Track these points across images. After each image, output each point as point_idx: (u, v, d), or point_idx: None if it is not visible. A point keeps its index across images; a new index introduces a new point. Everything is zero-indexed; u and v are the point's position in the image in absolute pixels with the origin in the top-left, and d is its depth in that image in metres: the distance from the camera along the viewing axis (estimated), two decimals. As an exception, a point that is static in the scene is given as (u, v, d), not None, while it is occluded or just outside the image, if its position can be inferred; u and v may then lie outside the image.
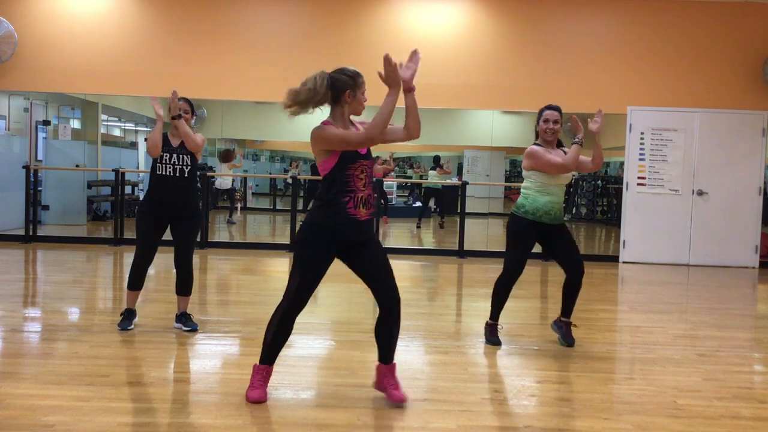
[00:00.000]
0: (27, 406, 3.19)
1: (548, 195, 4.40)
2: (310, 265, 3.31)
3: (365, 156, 3.36)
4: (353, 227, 3.31)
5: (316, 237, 3.32)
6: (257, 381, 3.37)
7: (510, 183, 16.52)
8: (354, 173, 3.30)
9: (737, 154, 8.93)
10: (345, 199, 3.28)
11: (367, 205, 3.34)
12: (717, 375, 4.09)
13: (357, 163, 3.31)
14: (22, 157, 9.94)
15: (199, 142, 4.56)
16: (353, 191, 3.29)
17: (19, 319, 5.06)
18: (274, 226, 13.57)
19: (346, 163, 3.28)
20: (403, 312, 3.48)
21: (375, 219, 3.43)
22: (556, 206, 4.42)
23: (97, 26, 9.02)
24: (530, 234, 4.45)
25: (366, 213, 3.33)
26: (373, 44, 8.93)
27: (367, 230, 3.37)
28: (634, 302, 6.73)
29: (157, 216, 4.57)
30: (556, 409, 3.43)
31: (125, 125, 14.44)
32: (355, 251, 3.38)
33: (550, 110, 4.44)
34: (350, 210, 3.28)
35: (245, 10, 9.08)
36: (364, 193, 3.32)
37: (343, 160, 3.28)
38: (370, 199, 3.36)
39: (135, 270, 4.61)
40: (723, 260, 8.93)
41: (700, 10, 8.95)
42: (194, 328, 4.65)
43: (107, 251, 8.53)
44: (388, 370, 3.44)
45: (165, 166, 4.49)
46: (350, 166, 3.29)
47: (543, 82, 8.99)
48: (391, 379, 3.43)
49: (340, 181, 3.28)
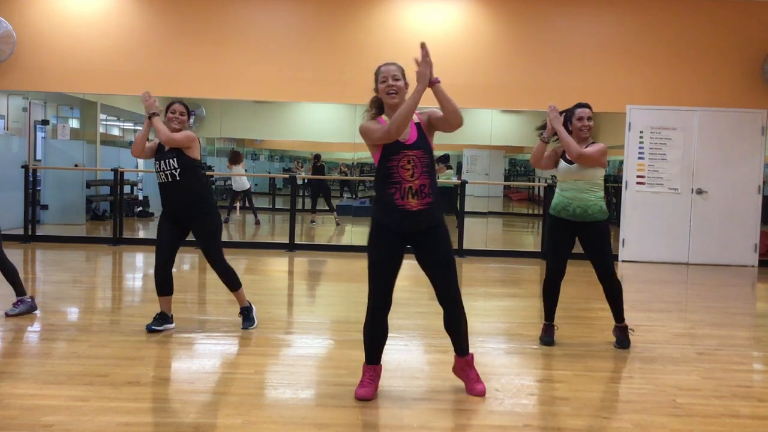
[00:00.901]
0: (26, 405, 3.19)
1: (562, 191, 4.49)
2: (376, 265, 3.39)
3: (411, 146, 3.32)
4: (404, 218, 3.31)
5: (374, 233, 3.40)
6: (365, 380, 3.49)
7: (509, 182, 16.53)
8: (398, 164, 3.30)
9: (736, 152, 8.93)
10: (391, 191, 3.31)
11: (420, 195, 3.30)
12: (716, 373, 4.09)
13: (401, 153, 3.31)
14: (20, 156, 9.94)
15: (177, 138, 4.49)
16: (399, 182, 3.30)
17: (18, 319, 5.05)
18: (274, 226, 13.56)
19: (389, 155, 3.32)
20: (403, 312, 3.50)
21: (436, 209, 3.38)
22: (574, 203, 4.43)
23: (95, 26, 9.02)
24: (557, 229, 4.52)
25: (417, 203, 3.30)
26: (373, 44, 8.94)
27: (424, 220, 3.34)
28: (634, 301, 6.72)
29: (168, 219, 4.61)
30: (555, 408, 3.43)
31: (124, 125, 14.43)
32: (416, 243, 3.39)
33: (582, 108, 4.50)
34: (398, 201, 3.30)
35: (245, 9, 9.08)
36: (413, 183, 3.29)
37: (386, 151, 3.33)
38: (423, 189, 3.31)
39: (155, 273, 4.62)
40: (722, 259, 8.93)
41: (700, 9, 8.95)
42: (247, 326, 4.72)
43: (106, 251, 8.53)
44: (465, 363, 3.57)
45: (158, 173, 4.54)
46: (393, 157, 3.31)
47: (542, 81, 9.00)
48: (470, 372, 3.56)
49: (386, 173, 3.33)
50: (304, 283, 7.57)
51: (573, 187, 4.45)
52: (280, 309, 5.83)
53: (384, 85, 3.35)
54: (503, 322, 5.39)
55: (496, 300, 6.35)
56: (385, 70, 3.37)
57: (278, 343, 4.54)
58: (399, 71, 3.38)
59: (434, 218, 3.39)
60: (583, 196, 4.43)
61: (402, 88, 3.36)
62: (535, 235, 12.29)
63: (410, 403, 3.39)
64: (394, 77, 3.34)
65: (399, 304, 6.18)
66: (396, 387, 3.65)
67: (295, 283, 7.41)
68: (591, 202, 4.43)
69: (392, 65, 3.38)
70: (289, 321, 5.34)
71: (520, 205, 19.66)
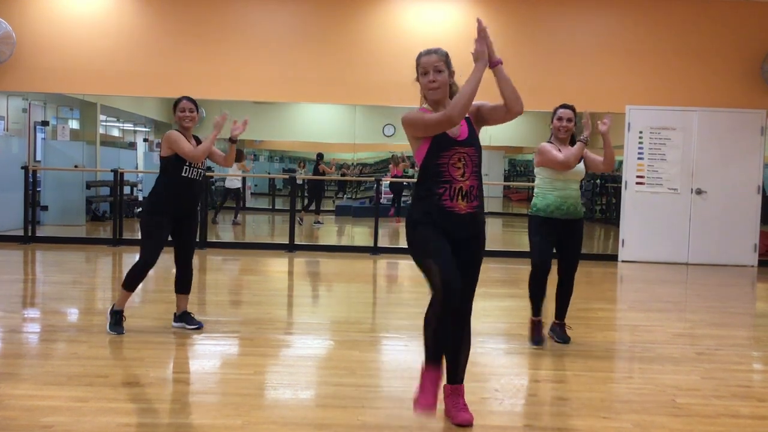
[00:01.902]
0: (26, 406, 3.19)
1: (555, 190, 4.49)
2: (433, 239, 2.95)
3: (463, 142, 3.01)
4: (452, 220, 2.99)
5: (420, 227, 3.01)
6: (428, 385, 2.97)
7: (509, 182, 16.59)
8: (449, 162, 2.97)
9: (736, 152, 8.93)
10: (440, 191, 2.97)
11: (469, 197, 2.99)
12: (716, 373, 4.09)
13: (452, 150, 2.98)
14: (20, 157, 9.93)
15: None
16: (449, 181, 2.97)
17: (18, 319, 5.06)
18: (273, 226, 13.57)
19: (438, 151, 2.98)
20: (403, 312, 3.48)
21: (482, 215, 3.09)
22: (568, 201, 4.50)
23: (95, 26, 9.02)
24: (544, 226, 4.53)
25: (467, 206, 2.99)
26: (373, 44, 8.95)
27: (472, 225, 3.03)
28: (633, 301, 6.73)
29: (169, 216, 4.61)
30: (555, 409, 3.43)
31: (124, 126, 14.43)
32: (456, 249, 3.02)
33: (563, 109, 4.55)
34: (446, 202, 2.97)
35: (245, 10, 9.08)
36: (463, 183, 2.98)
37: (434, 146, 2.99)
38: (472, 191, 3.00)
39: (146, 270, 4.61)
40: (722, 259, 8.93)
41: (699, 9, 8.95)
42: (200, 325, 4.68)
43: (106, 252, 8.53)
44: (456, 391, 3.16)
45: (192, 169, 4.63)
46: (443, 153, 2.98)
47: (542, 81, 9.00)
48: (459, 400, 3.14)
49: (434, 171, 2.99)
50: (304, 283, 7.57)
51: (571, 186, 4.53)
52: (280, 310, 5.83)
53: (426, 79, 3.02)
54: (503, 323, 5.39)
55: (496, 300, 6.35)
56: (426, 60, 3.02)
57: (278, 343, 4.55)
58: (442, 61, 3.02)
59: (480, 225, 3.09)
60: (575, 194, 4.56)
61: (445, 81, 3.03)
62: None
63: (410, 403, 3.39)
64: (436, 69, 3.00)
65: (399, 304, 6.20)
66: (396, 387, 3.65)
67: (295, 284, 7.41)
68: (579, 200, 4.60)
69: (434, 53, 3.03)
70: (289, 322, 5.34)
71: (520, 206, 19.68)
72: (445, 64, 3.05)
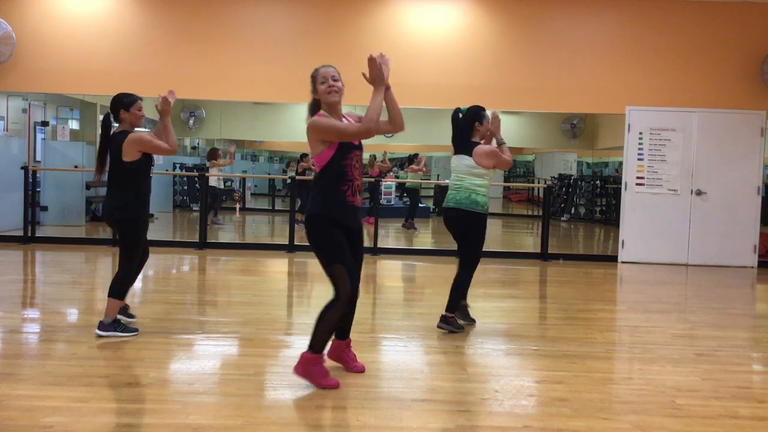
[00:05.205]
0: (26, 407, 3.19)
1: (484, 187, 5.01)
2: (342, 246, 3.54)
3: (358, 146, 3.62)
4: (353, 214, 3.59)
5: (326, 225, 3.54)
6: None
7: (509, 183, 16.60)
8: (351, 163, 3.54)
9: (736, 153, 8.94)
10: (344, 188, 3.53)
11: (361, 193, 3.66)
12: (716, 374, 4.09)
13: (353, 153, 3.56)
14: (20, 158, 9.94)
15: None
16: (351, 180, 3.55)
17: (17, 320, 5.06)
18: (273, 227, 13.57)
19: (343, 153, 3.52)
20: (403, 312, 3.49)
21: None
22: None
23: (95, 27, 9.02)
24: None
25: (360, 200, 3.65)
26: (372, 44, 8.93)
27: (359, 215, 3.71)
28: (633, 302, 6.73)
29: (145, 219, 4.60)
30: (554, 409, 3.43)
31: (124, 126, 14.40)
32: (350, 239, 3.62)
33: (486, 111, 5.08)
34: (349, 198, 3.55)
35: (245, 10, 9.08)
36: (359, 181, 3.61)
37: (341, 150, 3.51)
38: (361, 186, 3.66)
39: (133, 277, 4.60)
40: (722, 260, 8.94)
41: (699, 9, 8.96)
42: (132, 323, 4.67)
43: (106, 252, 8.53)
44: (347, 345, 3.90)
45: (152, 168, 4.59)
46: (347, 156, 3.53)
47: (542, 82, 9.00)
48: (349, 352, 3.89)
49: (338, 171, 3.52)
50: (304, 284, 7.57)
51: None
52: (280, 310, 5.83)
53: (324, 85, 3.54)
54: (502, 323, 5.39)
55: (496, 301, 6.36)
56: (324, 71, 3.57)
57: (278, 344, 4.55)
58: (337, 73, 3.61)
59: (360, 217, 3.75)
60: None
61: (341, 88, 3.58)
62: (534, 236, 12.29)
63: (410, 403, 3.40)
64: (334, 78, 3.56)
65: (399, 304, 6.20)
66: (396, 387, 3.65)
67: (295, 284, 7.41)
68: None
69: (330, 67, 3.60)
70: (288, 322, 5.34)
71: (520, 206, 19.69)
72: (339, 76, 3.63)
